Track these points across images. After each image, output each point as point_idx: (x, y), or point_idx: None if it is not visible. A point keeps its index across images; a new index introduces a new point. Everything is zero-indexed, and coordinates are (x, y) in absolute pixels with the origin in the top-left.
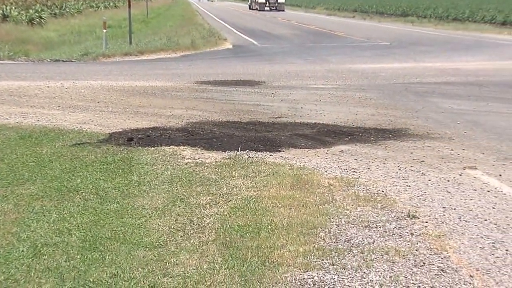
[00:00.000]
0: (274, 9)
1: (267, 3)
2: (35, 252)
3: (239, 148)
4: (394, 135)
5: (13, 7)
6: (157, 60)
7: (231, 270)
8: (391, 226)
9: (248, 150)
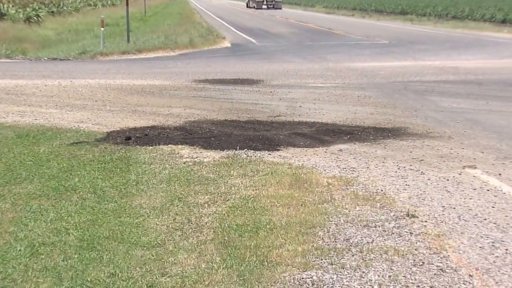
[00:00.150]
0: (271, 7)
1: (264, 1)
2: (32, 251)
3: (238, 147)
4: (393, 134)
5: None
6: (155, 58)
7: (229, 269)
8: (390, 225)
9: (246, 149)
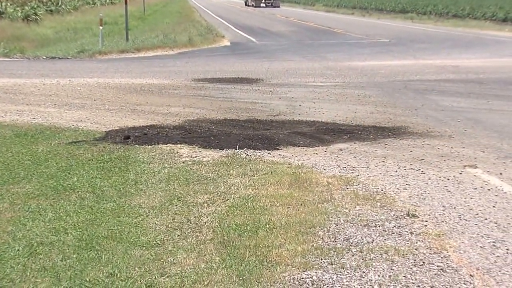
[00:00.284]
0: (269, 5)
1: (263, 0)
2: (31, 251)
3: (237, 146)
4: (393, 133)
5: (9, 4)
6: (154, 57)
7: (228, 269)
8: (390, 225)
9: (246, 148)
